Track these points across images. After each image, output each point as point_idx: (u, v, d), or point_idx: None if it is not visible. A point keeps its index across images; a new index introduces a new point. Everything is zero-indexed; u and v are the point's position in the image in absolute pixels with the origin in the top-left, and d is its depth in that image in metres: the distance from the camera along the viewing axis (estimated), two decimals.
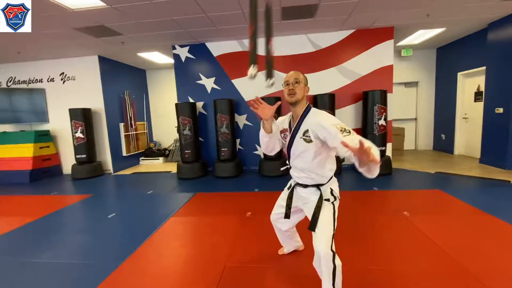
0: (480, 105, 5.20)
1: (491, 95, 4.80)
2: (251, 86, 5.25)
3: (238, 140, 5.41)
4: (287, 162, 1.71)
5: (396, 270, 1.91)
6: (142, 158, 6.91)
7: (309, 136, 1.49)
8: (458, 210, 2.93)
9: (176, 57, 5.38)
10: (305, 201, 1.64)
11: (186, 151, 5.01)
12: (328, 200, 1.55)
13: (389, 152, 4.94)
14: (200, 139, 5.43)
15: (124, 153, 6.28)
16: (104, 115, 5.77)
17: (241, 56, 5.22)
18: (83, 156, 5.43)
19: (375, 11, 4.00)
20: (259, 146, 5.44)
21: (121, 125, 6.22)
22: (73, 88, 5.77)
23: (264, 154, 5.05)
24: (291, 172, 1.69)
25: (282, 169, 1.82)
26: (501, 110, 4.59)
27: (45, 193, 4.44)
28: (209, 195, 3.91)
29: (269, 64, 1.29)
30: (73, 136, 5.41)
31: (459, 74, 5.78)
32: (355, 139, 1.28)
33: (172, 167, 6.06)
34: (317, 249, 1.45)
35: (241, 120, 5.39)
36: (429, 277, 1.81)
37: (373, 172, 1.25)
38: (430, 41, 5.79)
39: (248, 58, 1.35)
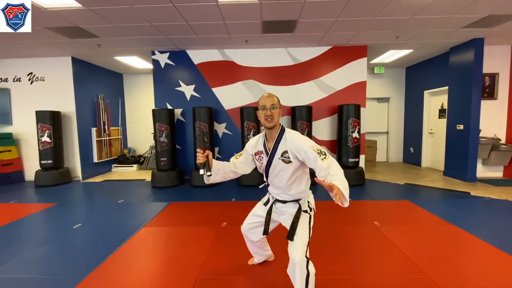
0: (444, 121, 5.62)
1: (453, 112, 5.22)
2: (232, 96, 5.29)
3: (216, 149, 5.37)
4: (264, 179, 1.75)
5: (365, 279, 1.96)
6: (115, 165, 6.61)
7: (288, 157, 1.54)
8: (423, 220, 3.10)
9: (156, 62, 5.30)
10: (283, 212, 1.69)
11: (162, 159, 4.88)
12: (305, 211, 1.62)
13: (362, 164, 5.15)
14: (177, 146, 5.32)
15: (96, 160, 5.98)
16: (75, 118, 5.48)
17: (222, 65, 5.25)
18: (49, 161, 5.09)
19: (350, 30, 4.24)
20: None
21: (93, 130, 5.94)
22: (41, 89, 5.45)
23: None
24: (270, 189, 1.74)
25: (260, 186, 1.89)
26: (461, 126, 4.99)
27: (3, 201, 4.08)
28: (184, 205, 3.81)
29: (207, 163, 1.57)
30: (38, 140, 5.07)
31: (425, 92, 6.23)
32: (331, 164, 1.37)
33: (147, 175, 5.85)
34: (292, 256, 1.47)
35: (220, 128, 5.37)
36: (396, 286, 1.88)
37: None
38: (400, 61, 6.21)
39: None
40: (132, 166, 6.57)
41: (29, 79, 5.45)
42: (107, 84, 6.50)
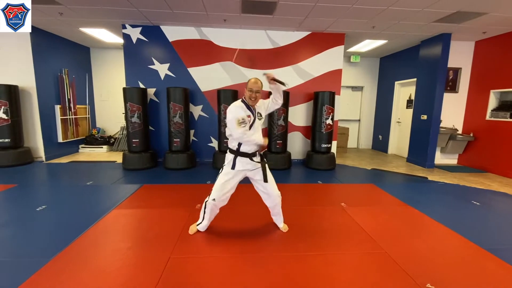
0: (410, 111, 5.97)
1: (419, 103, 5.56)
2: (209, 77, 5.15)
3: (192, 131, 5.28)
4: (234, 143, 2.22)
5: (330, 255, 2.12)
6: (82, 145, 6.26)
7: (261, 116, 2.26)
8: (385, 202, 3.36)
9: (127, 37, 4.96)
10: (255, 166, 2.24)
11: (133, 140, 4.70)
12: (265, 161, 2.29)
13: (334, 149, 5.37)
14: (151, 128, 5.15)
15: (60, 139, 5.60)
16: (35, 94, 5.03)
17: (199, 44, 5.06)
18: (6, 140, 4.69)
19: (329, 16, 4.25)
20: (215, 138, 5.37)
21: (57, 107, 5.52)
22: None
23: (219, 147, 5.03)
24: (244, 148, 2.18)
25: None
26: (425, 117, 5.35)
27: None
28: (157, 187, 3.75)
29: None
30: None
31: (396, 82, 6.53)
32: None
33: (117, 157, 5.63)
34: (274, 193, 2.30)
35: (196, 110, 5.26)
36: (357, 261, 2.06)
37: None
38: (374, 51, 6.40)
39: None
40: (102, 147, 6.26)
41: None
42: (72, 58, 5.99)
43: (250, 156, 2.19)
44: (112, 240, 2.29)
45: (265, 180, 2.23)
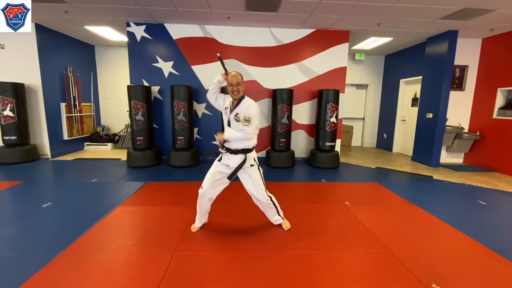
0: (416, 110, 5.91)
1: (424, 101, 5.49)
2: (213, 75, 5.12)
3: (196, 129, 5.29)
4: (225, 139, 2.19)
5: (334, 254, 2.11)
6: (87, 143, 6.31)
7: (238, 118, 2.12)
8: (390, 201, 3.33)
9: (131, 35, 4.97)
10: (235, 163, 2.19)
11: (138, 138, 4.72)
12: (252, 165, 2.22)
13: (338, 148, 5.34)
14: (155, 125, 5.17)
15: (66, 137, 5.66)
16: (41, 92, 5.08)
17: (203, 42, 5.05)
18: (13, 137, 4.74)
19: (334, 13, 4.21)
20: None
21: (63, 105, 5.57)
22: (1, 58, 4.95)
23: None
24: (226, 144, 2.19)
25: (221, 149, 2.28)
26: (431, 115, 5.29)
27: None
28: (161, 185, 3.77)
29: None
30: (0, 114, 4.67)
31: (401, 80, 6.46)
32: (243, 129, 2.09)
33: (122, 154, 5.67)
34: (260, 199, 2.28)
35: (200, 108, 5.26)
36: (361, 260, 2.05)
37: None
38: (380, 48, 6.33)
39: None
40: (106, 145, 6.31)
41: None
42: (77, 56, 6.02)
43: (230, 152, 2.19)
44: (117, 237, 2.31)
45: (229, 177, 2.23)
